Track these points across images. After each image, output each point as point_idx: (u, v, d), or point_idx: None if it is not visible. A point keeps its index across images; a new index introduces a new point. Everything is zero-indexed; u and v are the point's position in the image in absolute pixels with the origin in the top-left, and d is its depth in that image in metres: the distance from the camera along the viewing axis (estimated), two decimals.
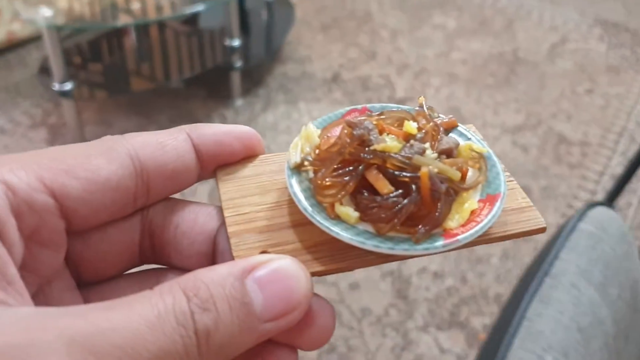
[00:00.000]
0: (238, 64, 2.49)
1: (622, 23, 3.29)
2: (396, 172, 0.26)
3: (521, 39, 3.10)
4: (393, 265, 2.01)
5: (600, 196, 2.28)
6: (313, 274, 0.23)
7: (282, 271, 0.22)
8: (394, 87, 2.74)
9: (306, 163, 0.28)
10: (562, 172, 2.35)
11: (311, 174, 0.28)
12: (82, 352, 0.17)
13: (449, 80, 2.79)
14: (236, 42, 2.44)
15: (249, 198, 0.27)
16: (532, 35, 3.14)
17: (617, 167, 2.41)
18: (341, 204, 0.26)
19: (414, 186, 0.26)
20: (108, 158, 0.25)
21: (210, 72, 2.76)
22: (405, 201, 0.25)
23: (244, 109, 2.56)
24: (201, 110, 2.55)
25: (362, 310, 1.86)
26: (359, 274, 1.96)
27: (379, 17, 3.22)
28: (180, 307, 0.19)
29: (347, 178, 0.26)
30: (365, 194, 0.26)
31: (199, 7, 2.16)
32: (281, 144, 2.39)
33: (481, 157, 0.29)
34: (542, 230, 0.28)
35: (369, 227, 0.26)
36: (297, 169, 0.28)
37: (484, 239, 0.27)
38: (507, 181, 0.29)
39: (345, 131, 0.28)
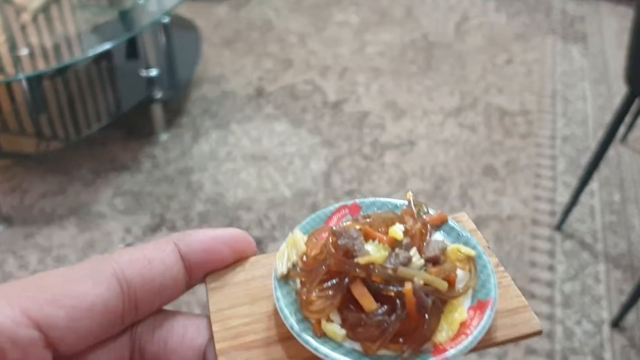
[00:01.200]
0: (158, 95, 2.22)
1: None
2: (381, 286, 0.25)
3: (426, 24, 3.07)
4: None
5: (562, 160, 2.27)
6: None
7: None
8: (324, 91, 2.59)
9: (292, 274, 0.27)
10: (516, 144, 2.32)
11: (299, 284, 0.27)
12: None
13: (374, 75, 2.68)
14: (154, 72, 2.17)
15: (238, 308, 0.26)
16: (434, 18, 3.12)
17: (565, 128, 2.42)
18: (328, 320, 0.25)
19: (398, 301, 0.25)
20: (94, 281, 0.24)
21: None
22: (392, 319, 0.24)
23: (173, 143, 2.29)
24: (125, 155, 2.24)
25: None
26: None
27: (280, 23, 3.06)
28: None
29: (332, 292, 0.25)
30: (352, 308, 0.25)
31: (107, 45, 1.86)
32: (227, 174, 2.16)
33: (471, 259, 0.27)
34: (538, 333, 0.26)
35: (356, 345, 0.25)
36: (285, 278, 0.27)
37: (475, 347, 0.25)
38: (501, 277, 0.27)
39: (331, 240, 0.27)
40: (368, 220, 0.29)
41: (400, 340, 0.25)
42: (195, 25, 2.70)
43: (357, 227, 0.28)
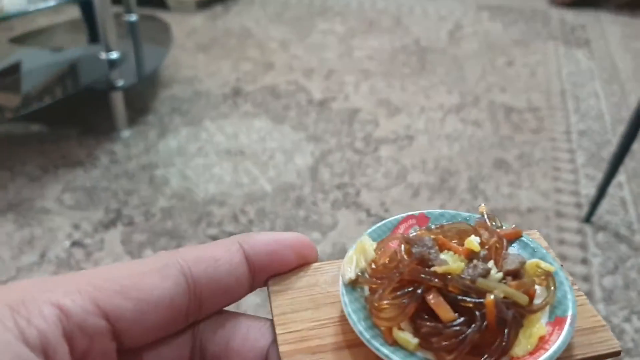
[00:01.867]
0: (119, 82, 1.93)
1: (504, 6, 3.19)
2: (459, 297, 0.24)
3: (416, 32, 2.86)
4: None
5: (582, 154, 1.99)
6: None
7: None
8: (308, 90, 2.32)
9: (361, 280, 0.26)
10: (528, 139, 2.04)
11: (367, 291, 0.26)
12: None
13: (364, 76, 2.43)
14: (114, 55, 1.89)
15: (302, 313, 0.25)
16: (424, 27, 2.91)
17: (580, 123, 2.16)
18: (399, 328, 0.24)
19: (478, 313, 0.24)
20: (162, 276, 0.24)
21: (80, 107, 2.16)
22: (470, 330, 0.23)
23: (135, 140, 1.99)
24: (80, 151, 1.93)
25: None
26: None
27: (260, 32, 2.82)
28: None
29: (405, 301, 0.24)
30: (426, 317, 0.24)
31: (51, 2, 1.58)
32: (197, 169, 1.85)
33: (549, 274, 0.26)
34: (617, 354, 0.24)
35: (429, 355, 0.24)
36: (352, 285, 0.26)
37: None
38: (577, 296, 0.26)
39: (403, 247, 0.26)
40: (440, 230, 0.28)
41: (478, 353, 0.23)
42: (164, 20, 2.44)
43: (432, 236, 0.27)
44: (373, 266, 0.27)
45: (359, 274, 0.26)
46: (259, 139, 2.02)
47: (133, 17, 2.34)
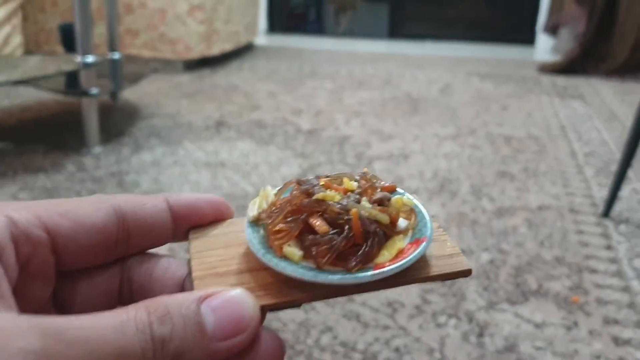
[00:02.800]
0: (93, 90, 1.81)
1: (493, 73, 3.18)
2: (335, 217, 0.28)
3: (407, 88, 2.80)
4: None
5: (590, 169, 1.85)
6: (264, 307, 0.25)
7: (232, 299, 0.24)
8: (296, 123, 2.20)
9: (262, 216, 0.30)
10: (531, 158, 1.91)
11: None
12: (52, 339, 0.19)
13: (354, 115, 2.33)
14: (90, 58, 1.79)
15: (215, 251, 0.29)
16: (415, 86, 2.86)
17: (584, 147, 2.03)
18: (289, 245, 0.28)
19: (347, 227, 0.28)
20: (95, 207, 0.27)
21: (50, 128, 2.03)
22: (339, 238, 0.27)
23: (107, 154, 1.84)
24: (44, 161, 1.77)
25: (389, 305, 1.13)
26: None
27: (248, 86, 2.76)
28: (141, 318, 0.21)
29: (292, 225, 0.28)
30: (310, 236, 0.28)
31: None
32: (172, 177, 1.68)
33: (411, 209, 0.31)
34: (468, 272, 0.28)
35: (311, 264, 0.27)
36: (255, 222, 0.30)
37: (414, 277, 0.28)
38: (439, 235, 0.30)
39: (294, 186, 0.30)
40: (328, 177, 0.32)
41: (348, 258, 0.27)
42: (146, 61, 2.38)
43: (320, 181, 0.31)
44: (273, 207, 0.30)
45: (261, 213, 0.30)
46: (242, 155, 1.87)
47: (116, 55, 2.28)
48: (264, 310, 0.26)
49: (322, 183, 0.31)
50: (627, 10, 3.05)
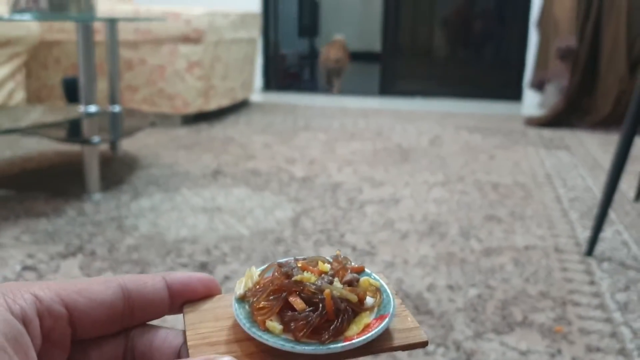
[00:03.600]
0: (96, 139, 1.89)
1: (481, 126, 3.28)
2: (310, 296, 0.33)
3: (397, 139, 2.89)
4: (392, 284, 1.37)
5: (575, 213, 1.91)
6: None
7: None
8: (291, 171, 2.28)
9: (247, 294, 0.34)
10: (518, 203, 1.97)
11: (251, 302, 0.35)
12: None
13: (347, 164, 2.40)
14: (92, 109, 1.87)
15: (206, 323, 0.34)
16: (405, 137, 2.95)
17: (569, 193, 2.10)
18: (270, 320, 0.33)
19: (321, 305, 0.32)
20: (106, 286, 0.32)
21: (51, 176, 2.09)
22: (314, 315, 0.32)
23: (107, 201, 1.89)
24: (45, 206, 1.83)
25: None
26: None
27: (243, 138, 2.84)
28: None
29: (274, 301, 0.33)
30: (289, 312, 0.33)
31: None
32: (169, 221, 1.74)
33: (377, 289, 0.35)
34: (425, 344, 0.33)
35: (290, 337, 0.32)
36: (242, 299, 0.34)
37: (379, 347, 0.32)
38: (401, 310, 0.35)
39: (276, 269, 0.35)
40: (305, 260, 0.37)
41: (322, 332, 0.32)
42: (146, 115, 2.47)
43: (297, 263, 0.36)
44: (257, 286, 0.35)
45: (247, 291, 0.35)
46: (238, 200, 1.93)
47: (116, 109, 2.37)
48: None
49: (299, 265, 0.36)
50: (608, 65, 3.18)
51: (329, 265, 0.36)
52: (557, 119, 3.27)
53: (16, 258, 1.46)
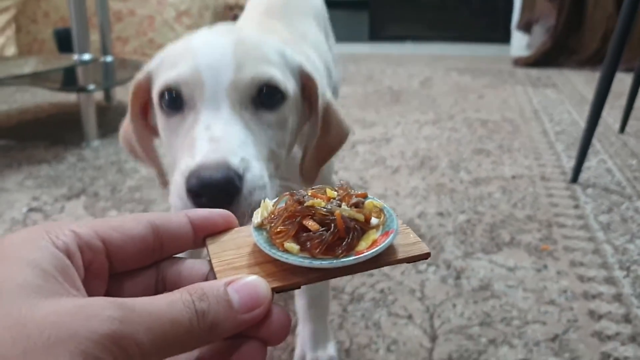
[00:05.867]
0: (91, 86, 1.91)
1: (469, 67, 3.31)
2: (322, 218, 0.36)
3: (388, 82, 2.93)
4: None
5: (560, 144, 1.97)
6: (273, 289, 0.33)
7: (250, 282, 0.32)
8: None
9: (264, 222, 0.38)
10: (505, 136, 2.02)
11: (269, 229, 0.38)
12: (128, 310, 0.28)
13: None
14: (87, 56, 1.89)
15: (229, 251, 0.37)
16: (396, 80, 2.98)
17: (556, 127, 2.15)
18: (288, 242, 0.36)
19: (333, 225, 0.36)
20: (137, 223, 0.35)
21: (50, 126, 2.13)
22: (328, 233, 0.35)
23: (105, 147, 1.93)
24: (46, 154, 1.86)
25: None
26: None
27: None
28: (185, 297, 0.30)
29: (290, 225, 0.36)
30: (304, 234, 0.36)
31: None
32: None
33: (381, 210, 0.38)
34: (427, 255, 0.36)
35: (307, 255, 0.35)
36: (259, 227, 0.38)
37: (386, 260, 0.36)
38: (404, 228, 0.38)
39: (288, 198, 0.39)
40: (314, 189, 0.40)
41: (335, 249, 0.35)
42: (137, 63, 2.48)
43: (308, 192, 0.40)
44: (272, 215, 0.38)
45: (263, 220, 0.38)
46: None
47: (109, 59, 2.38)
48: (273, 291, 0.33)
49: (309, 193, 0.39)
50: (595, 3, 3.20)
51: (336, 192, 0.39)
52: (544, 59, 3.30)
53: (22, 201, 1.51)
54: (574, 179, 1.63)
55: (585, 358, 0.92)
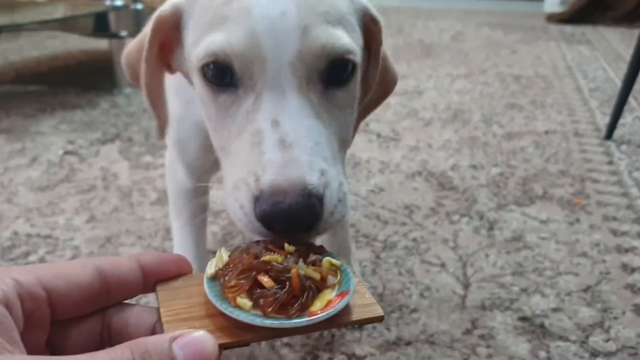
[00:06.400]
0: (123, 32, 1.91)
1: (501, 22, 3.25)
2: (278, 274, 0.36)
3: (419, 35, 2.89)
4: (417, 164, 1.44)
5: (595, 101, 1.94)
6: (221, 345, 0.32)
7: (197, 338, 0.30)
8: None
9: (218, 274, 0.37)
10: (540, 92, 2.00)
11: (222, 282, 0.38)
12: None
13: None
14: (119, 2, 1.88)
15: (179, 300, 0.36)
16: (427, 34, 2.94)
17: (590, 84, 2.12)
18: (241, 297, 0.35)
19: (288, 283, 0.35)
20: (83, 269, 0.34)
21: (82, 72, 2.14)
22: (282, 291, 0.35)
23: (138, 95, 1.94)
24: (79, 100, 1.88)
25: (406, 207, 1.24)
26: (379, 177, 1.36)
27: None
28: (127, 356, 0.28)
29: (244, 280, 0.36)
30: (258, 290, 0.35)
31: None
32: None
33: (338, 268, 0.39)
34: (381, 318, 0.36)
35: (259, 312, 0.34)
36: (213, 278, 0.37)
37: (339, 322, 0.35)
38: (360, 287, 0.38)
39: (245, 250, 0.39)
40: (272, 242, 0.41)
41: (288, 308, 0.35)
42: None
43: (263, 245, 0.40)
44: (227, 266, 0.37)
45: (217, 271, 0.37)
46: None
47: (139, 6, 2.37)
48: (221, 347, 0.32)
49: (268, 246, 0.39)
50: None
51: (293, 248, 0.39)
52: (578, 15, 3.22)
53: (57, 144, 1.54)
54: (609, 135, 1.61)
55: (617, 309, 0.93)
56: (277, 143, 0.46)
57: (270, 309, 0.34)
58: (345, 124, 0.54)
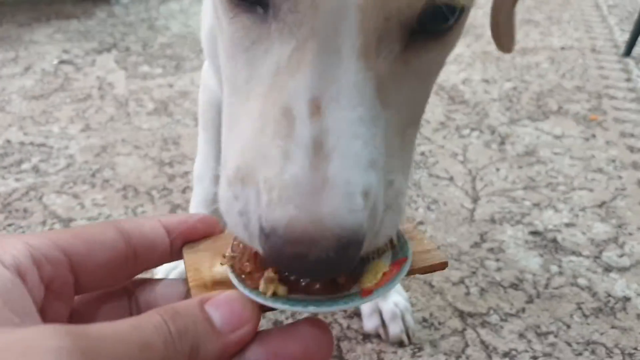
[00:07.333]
0: None
1: None
2: None
3: None
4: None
5: (613, 18, 1.85)
6: (260, 307, 0.28)
7: (231, 296, 0.27)
8: None
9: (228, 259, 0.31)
10: (556, 8, 1.90)
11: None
12: (80, 337, 0.21)
13: None
14: None
15: (204, 264, 0.32)
16: None
17: (609, 0, 2.02)
18: (268, 284, 0.29)
19: None
20: (103, 228, 0.30)
21: None
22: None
23: (135, 4, 1.86)
24: (75, 9, 1.80)
25: None
26: None
27: None
28: (155, 318, 0.24)
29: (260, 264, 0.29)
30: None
31: None
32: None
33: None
34: (445, 265, 0.31)
35: (299, 296, 0.28)
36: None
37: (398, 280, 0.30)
38: (419, 233, 0.33)
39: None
40: None
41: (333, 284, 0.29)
42: None
43: None
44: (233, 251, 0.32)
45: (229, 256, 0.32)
46: None
47: None
48: (260, 309, 0.28)
49: None
50: None
51: None
52: None
53: (52, 53, 1.47)
54: (627, 52, 1.54)
55: (632, 225, 0.89)
56: (310, 145, 0.28)
57: (317, 287, 0.28)
58: (422, 98, 0.35)
